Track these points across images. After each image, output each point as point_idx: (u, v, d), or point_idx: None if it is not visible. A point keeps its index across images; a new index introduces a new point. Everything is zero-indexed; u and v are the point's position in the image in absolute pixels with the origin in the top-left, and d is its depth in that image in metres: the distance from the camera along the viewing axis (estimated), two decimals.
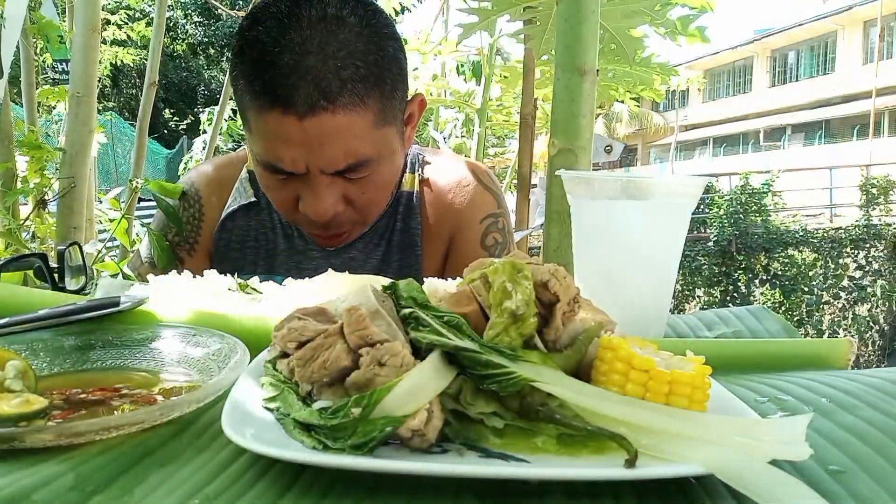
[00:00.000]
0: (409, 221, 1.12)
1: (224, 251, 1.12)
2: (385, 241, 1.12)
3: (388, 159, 0.97)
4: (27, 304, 0.67)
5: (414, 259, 1.11)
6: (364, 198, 0.96)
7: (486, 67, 3.66)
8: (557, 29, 1.18)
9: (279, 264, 1.11)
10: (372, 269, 1.10)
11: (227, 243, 1.12)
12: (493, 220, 1.13)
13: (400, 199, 1.12)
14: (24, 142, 2.03)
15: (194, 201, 1.14)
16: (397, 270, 1.10)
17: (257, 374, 0.49)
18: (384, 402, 0.39)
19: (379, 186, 0.98)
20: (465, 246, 1.11)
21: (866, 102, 19.30)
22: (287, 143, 0.87)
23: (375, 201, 1.01)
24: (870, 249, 9.88)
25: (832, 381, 0.55)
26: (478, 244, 1.11)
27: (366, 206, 0.98)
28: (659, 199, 0.71)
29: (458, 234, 1.12)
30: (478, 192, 1.14)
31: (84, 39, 1.94)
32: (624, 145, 10.22)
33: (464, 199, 1.13)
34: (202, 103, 18.23)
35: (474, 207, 1.13)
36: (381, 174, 0.97)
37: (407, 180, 1.13)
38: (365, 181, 0.94)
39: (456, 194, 1.13)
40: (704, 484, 0.38)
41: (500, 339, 0.43)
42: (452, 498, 0.37)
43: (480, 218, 1.12)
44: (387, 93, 0.92)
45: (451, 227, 1.12)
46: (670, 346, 0.49)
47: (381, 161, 0.95)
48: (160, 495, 0.36)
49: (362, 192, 0.95)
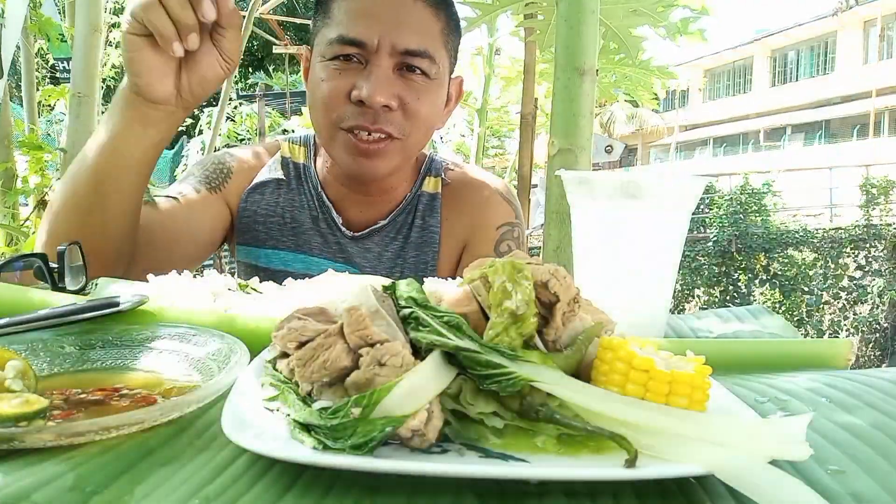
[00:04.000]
0: (428, 220, 1.16)
1: (248, 223, 1.15)
2: (402, 236, 1.15)
3: (437, 89, 1.05)
4: (27, 304, 0.68)
5: (431, 256, 1.15)
6: (415, 107, 1.01)
7: (486, 67, 3.66)
8: (557, 29, 1.18)
9: (301, 243, 1.14)
10: (387, 262, 1.14)
11: (252, 215, 1.15)
12: (510, 228, 1.18)
13: (421, 198, 1.17)
14: (24, 142, 2.03)
15: (230, 157, 1.18)
16: (413, 266, 1.14)
17: (257, 374, 0.49)
18: (384, 402, 0.39)
19: (425, 107, 1.03)
20: (479, 249, 1.15)
21: (866, 102, 19.30)
22: (369, 14, 0.98)
23: (422, 117, 1.03)
24: (870, 249, 9.88)
25: (832, 381, 0.55)
26: (492, 249, 1.16)
27: (413, 118, 1.02)
28: (659, 199, 0.71)
29: (474, 237, 1.17)
30: (497, 201, 1.19)
31: (85, 39, 1.94)
32: (624, 145, 10.21)
33: (483, 205, 1.18)
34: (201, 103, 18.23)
35: (492, 214, 1.18)
36: (430, 98, 1.03)
37: (430, 182, 1.19)
38: (418, 88, 1.01)
39: (476, 200, 1.18)
40: (704, 484, 0.38)
41: (500, 339, 0.43)
42: (452, 498, 0.37)
43: (497, 225, 1.17)
44: (451, 28, 1.05)
45: (467, 229, 1.17)
46: (670, 346, 0.49)
47: (434, 82, 1.03)
48: (160, 495, 0.36)
49: (417, 98, 1.01)
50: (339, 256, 1.13)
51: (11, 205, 2.07)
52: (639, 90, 2.46)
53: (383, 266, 1.13)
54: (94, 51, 1.99)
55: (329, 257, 1.13)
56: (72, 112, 1.97)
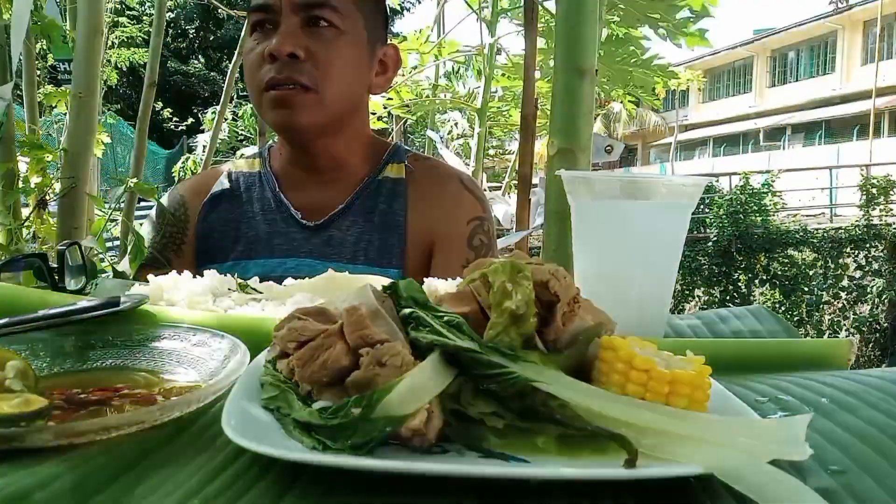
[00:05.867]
0: (393, 203, 1.15)
1: (204, 240, 1.17)
2: (363, 219, 1.15)
3: (351, 44, 1.08)
4: (27, 304, 0.68)
5: (397, 240, 1.13)
6: (324, 56, 1.05)
7: (486, 67, 3.66)
8: (557, 29, 1.18)
9: (260, 249, 1.14)
10: (350, 247, 1.13)
11: (210, 232, 1.17)
12: (479, 223, 1.19)
13: (384, 183, 1.17)
14: (24, 142, 2.02)
15: (179, 204, 1.20)
16: (378, 250, 1.13)
17: (257, 374, 0.49)
18: (384, 402, 0.39)
19: (336, 59, 1.06)
20: (453, 244, 1.16)
21: (866, 102, 19.28)
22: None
23: (334, 67, 1.06)
24: (870, 249, 9.88)
25: (832, 381, 0.55)
26: (465, 243, 1.16)
27: (325, 68, 1.05)
28: (659, 199, 0.71)
29: (446, 231, 1.16)
30: (464, 195, 1.20)
31: (86, 40, 1.94)
32: (624, 145, 10.21)
33: (451, 199, 1.19)
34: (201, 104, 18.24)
35: (461, 209, 1.18)
36: (341, 51, 1.07)
37: (392, 168, 1.19)
38: (326, 39, 1.05)
39: (443, 193, 1.19)
40: (704, 484, 0.38)
41: (500, 339, 0.43)
42: (452, 498, 0.37)
43: (467, 219, 1.18)
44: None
45: (437, 223, 1.16)
46: (670, 346, 0.49)
47: (345, 35, 1.07)
48: (160, 495, 0.36)
49: (325, 49, 1.05)
50: (302, 252, 1.13)
51: (12, 204, 2.07)
52: (638, 90, 2.46)
53: (347, 251, 1.12)
54: (96, 52, 1.98)
55: (289, 254, 1.13)
56: (72, 112, 1.97)
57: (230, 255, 1.15)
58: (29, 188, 2.05)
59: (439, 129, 5.40)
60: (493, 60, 3.66)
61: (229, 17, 6.07)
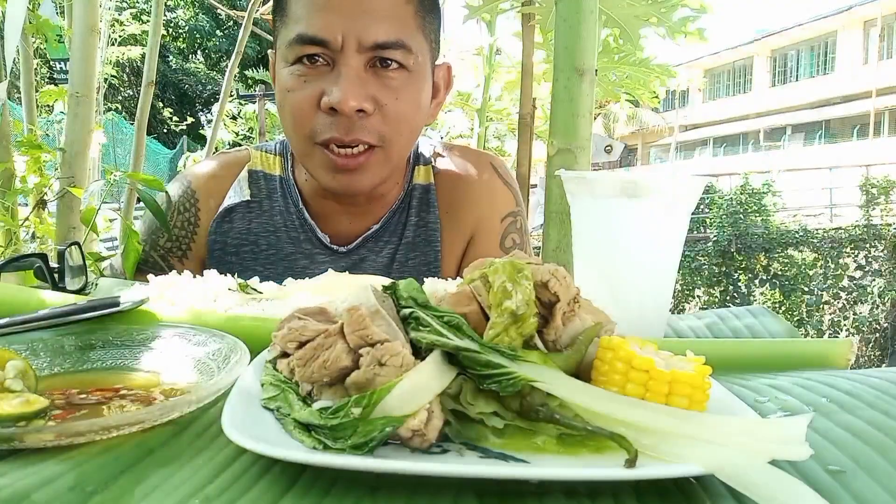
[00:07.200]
0: (425, 216, 1.05)
1: (219, 255, 1.03)
2: (397, 237, 1.04)
3: (419, 82, 0.92)
4: (27, 304, 0.68)
5: (433, 256, 1.04)
6: (394, 108, 0.89)
7: (486, 67, 3.66)
8: (556, 29, 1.18)
9: (281, 271, 1.01)
10: (382, 269, 1.03)
11: (223, 246, 1.04)
12: (513, 219, 1.10)
13: (413, 193, 1.06)
14: (22, 142, 2.02)
15: (190, 205, 1.06)
16: (413, 270, 1.03)
17: (257, 374, 0.49)
18: (384, 402, 0.39)
19: (407, 108, 0.91)
20: (484, 248, 1.07)
21: (866, 102, 19.30)
22: (327, 6, 0.85)
23: (404, 118, 0.91)
24: (870, 249, 9.88)
25: (832, 381, 0.55)
26: (497, 246, 1.08)
27: (394, 121, 0.90)
28: (659, 199, 0.70)
29: (479, 233, 1.07)
30: (497, 187, 1.09)
31: (83, 39, 1.94)
32: (624, 145, 10.21)
33: (484, 195, 1.08)
34: (201, 103, 18.24)
35: (495, 205, 1.08)
36: (411, 97, 0.91)
37: (420, 172, 1.08)
38: (396, 85, 0.89)
39: (475, 189, 1.08)
40: (704, 484, 0.38)
41: (500, 339, 0.43)
42: (452, 498, 0.37)
43: (501, 217, 1.09)
44: (426, 8, 0.92)
45: (471, 224, 1.07)
46: (670, 346, 0.49)
47: (414, 75, 0.91)
48: (160, 495, 0.36)
49: (395, 98, 0.89)
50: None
51: (11, 204, 2.07)
52: (637, 90, 2.46)
53: (380, 274, 1.01)
54: (92, 51, 1.98)
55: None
56: (70, 112, 1.97)
57: (246, 274, 0.98)
58: (27, 188, 2.05)
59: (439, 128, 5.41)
60: (492, 60, 3.66)
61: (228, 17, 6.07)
